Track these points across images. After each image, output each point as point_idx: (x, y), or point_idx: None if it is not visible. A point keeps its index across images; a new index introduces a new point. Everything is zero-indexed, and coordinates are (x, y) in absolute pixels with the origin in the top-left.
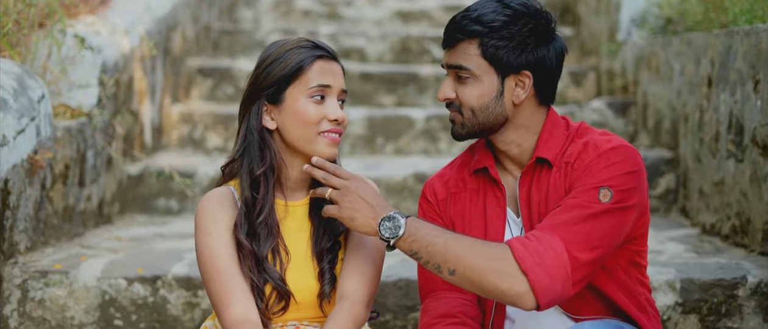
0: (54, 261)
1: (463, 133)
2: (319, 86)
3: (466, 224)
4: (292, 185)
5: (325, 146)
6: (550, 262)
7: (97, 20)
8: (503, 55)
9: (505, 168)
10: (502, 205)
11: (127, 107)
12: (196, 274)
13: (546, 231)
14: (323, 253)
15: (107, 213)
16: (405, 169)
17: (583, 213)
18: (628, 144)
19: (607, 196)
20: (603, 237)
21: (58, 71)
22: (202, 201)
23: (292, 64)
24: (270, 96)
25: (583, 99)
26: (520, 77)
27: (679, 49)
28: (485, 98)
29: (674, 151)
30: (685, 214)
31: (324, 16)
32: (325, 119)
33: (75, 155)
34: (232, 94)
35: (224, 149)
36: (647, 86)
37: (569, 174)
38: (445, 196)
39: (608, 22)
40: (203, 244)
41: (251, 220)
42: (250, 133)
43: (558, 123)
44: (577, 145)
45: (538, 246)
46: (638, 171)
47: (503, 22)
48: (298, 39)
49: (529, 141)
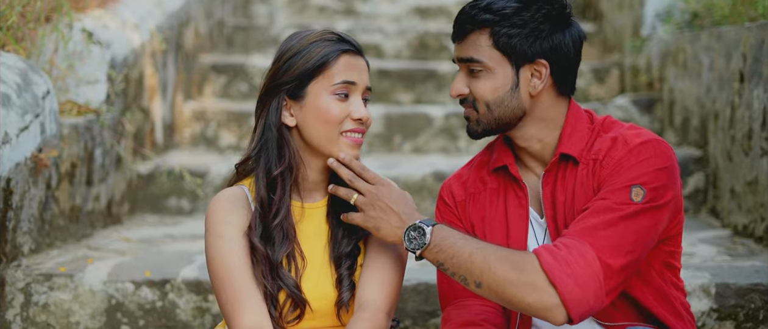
0: (59, 264)
1: (479, 130)
2: (344, 83)
3: (486, 226)
4: (309, 186)
5: (347, 147)
6: (580, 271)
7: (106, 14)
8: (516, 44)
9: (527, 166)
10: (524, 205)
11: (138, 104)
12: (206, 278)
13: (575, 237)
14: (342, 259)
15: (116, 214)
16: (424, 168)
17: (614, 216)
18: (659, 138)
19: (639, 195)
20: (636, 241)
21: (65, 67)
22: (212, 201)
23: (316, 58)
24: (291, 91)
25: (606, 96)
26: (535, 66)
27: (708, 44)
28: (500, 91)
29: (703, 150)
30: (715, 215)
31: (340, 12)
32: (348, 118)
33: (82, 153)
34: (246, 92)
35: (238, 147)
36: (674, 82)
37: (598, 172)
38: (464, 198)
39: (632, 17)
40: (213, 248)
41: (266, 223)
42: (269, 129)
43: (581, 116)
44: (605, 141)
45: (567, 255)
46: (671, 167)
47: (515, 8)
48: (323, 31)
49: (550, 135)
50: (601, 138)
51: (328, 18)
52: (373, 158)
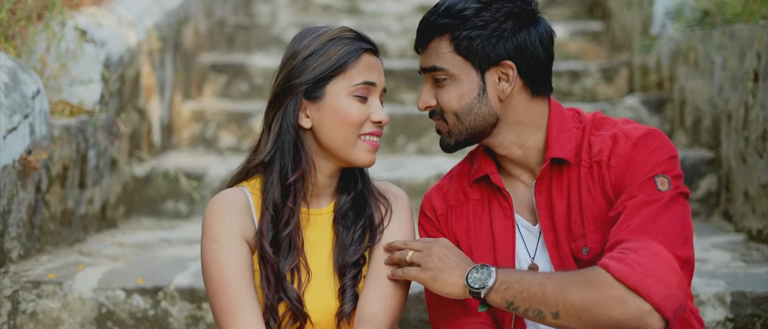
0: (48, 270)
1: (452, 143)
2: (365, 83)
3: (471, 238)
4: (317, 191)
5: (365, 152)
6: (657, 268)
7: (100, 12)
8: (478, 47)
9: (511, 174)
10: (509, 215)
11: (134, 104)
12: (200, 285)
13: (632, 238)
14: (346, 268)
15: (111, 217)
16: (428, 170)
17: (655, 208)
18: (654, 128)
19: (665, 184)
20: (686, 226)
21: (58, 66)
22: (211, 203)
23: (335, 57)
24: (307, 91)
25: (614, 96)
26: (502, 69)
27: (721, 42)
28: (467, 98)
29: (715, 151)
30: (728, 219)
31: (344, 11)
32: (368, 120)
33: (74, 155)
34: (246, 91)
35: (238, 149)
36: (685, 82)
37: (607, 175)
38: (445, 211)
39: (641, 15)
40: (209, 254)
41: (276, 230)
42: (286, 131)
43: (565, 115)
44: (604, 140)
45: (636, 256)
46: (677, 156)
47: (474, 9)
48: (340, 28)
49: (532, 139)
50: (597, 136)
51: (332, 16)
52: (377, 159)
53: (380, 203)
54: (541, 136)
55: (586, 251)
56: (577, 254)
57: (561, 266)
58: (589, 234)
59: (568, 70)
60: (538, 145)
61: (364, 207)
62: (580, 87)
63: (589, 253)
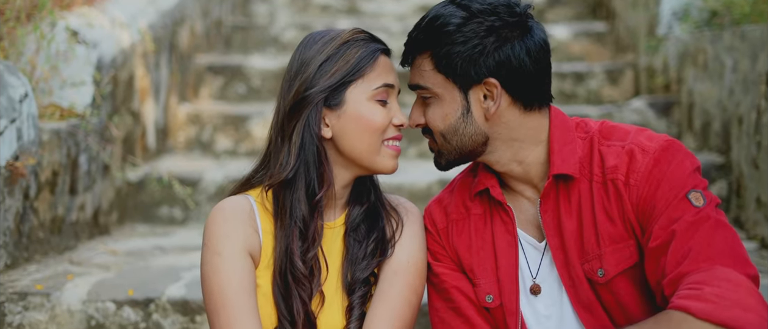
0: (36, 281)
1: (443, 163)
2: (385, 86)
3: (473, 255)
4: (332, 203)
5: (390, 158)
6: (737, 296)
7: (93, 12)
8: (458, 64)
9: (513, 189)
10: (511, 231)
11: (127, 107)
12: (193, 297)
13: (699, 268)
14: (356, 285)
15: (104, 224)
16: (430, 175)
17: (705, 229)
18: (671, 138)
19: (699, 199)
20: (738, 240)
21: (48, 68)
22: (213, 211)
23: (353, 61)
24: (326, 99)
25: (619, 98)
26: (485, 87)
27: (731, 44)
28: (451, 118)
29: (725, 156)
30: (739, 226)
31: (343, 11)
32: (390, 124)
33: (65, 160)
34: (243, 93)
35: (234, 152)
36: (693, 84)
37: (626, 194)
38: (445, 225)
39: (647, 15)
40: (210, 266)
41: (305, 249)
42: (310, 143)
43: (568, 126)
44: (618, 154)
45: (711, 289)
46: (700, 165)
47: (456, 25)
48: (352, 31)
49: (531, 154)
50: (609, 149)
51: (331, 16)
52: None
53: (391, 216)
54: (542, 151)
55: (602, 273)
56: (591, 275)
57: (573, 288)
58: (606, 255)
59: (572, 72)
60: (539, 159)
61: (377, 220)
62: (585, 88)
63: (605, 276)
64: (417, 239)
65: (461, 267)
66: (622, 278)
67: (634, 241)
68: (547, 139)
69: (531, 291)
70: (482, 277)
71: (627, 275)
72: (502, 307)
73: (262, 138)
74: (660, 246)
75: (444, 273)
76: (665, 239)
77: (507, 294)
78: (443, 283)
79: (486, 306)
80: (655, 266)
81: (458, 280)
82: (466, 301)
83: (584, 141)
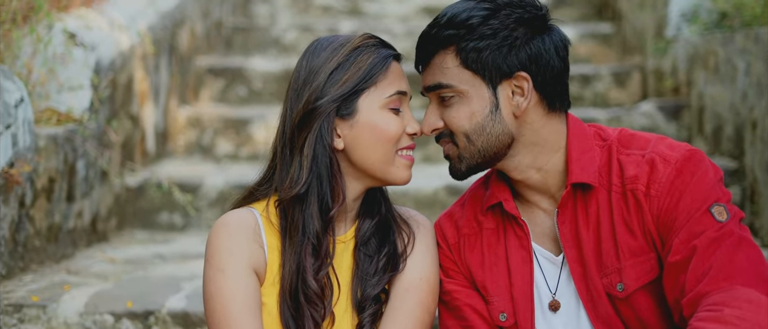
0: (32, 292)
1: (463, 169)
2: (398, 94)
3: (486, 272)
4: (343, 216)
5: (404, 169)
6: (759, 318)
7: (91, 14)
8: (488, 58)
9: (528, 200)
10: (526, 246)
11: (126, 111)
12: (194, 309)
13: (719, 289)
14: (366, 303)
15: (102, 230)
16: (436, 181)
17: (727, 246)
18: (693, 147)
19: (723, 214)
20: (762, 258)
21: (45, 71)
22: (216, 226)
23: (365, 68)
24: (338, 109)
25: (627, 101)
26: (516, 81)
27: (744, 46)
28: (478, 116)
29: (738, 161)
30: (753, 233)
31: (345, 12)
32: (404, 133)
33: (62, 167)
34: (244, 96)
35: (235, 156)
36: (703, 87)
37: (647, 205)
38: (457, 240)
39: (655, 16)
40: (214, 284)
41: (318, 267)
42: (323, 155)
43: (586, 133)
44: (638, 164)
45: (732, 311)
46: (723, 176)
47: (481, 17)
48: (362, 36)
49: (550, 161)
50: (629, 158)
51: (333, 18)
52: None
53: (402, 230)
54: (561, 158)
55: (621, 288)
56: (610, 290)
57: (591, 303)
58: (626, 269)
59: (578, 74)
60: (557, 167)
61: (388, 233)
62: (591, 91)
63: (625, 290)
64: (429, 254)
65: (474, 284)
66: (642, 292)
67: (655, 254)
68: (565, 147)
69: (550, 308)
70: (495, 294)
71: (647, 289)
72: (517, 326)
73: (263, 141)
74: (680, 262)
75: (456, 291)
76: (686, 255)
77: (521, 313)
78: (455, 300)
79: (499, 324)
80: (673, 282)
81: (471, 297)
82: (479, 320)
83: (602, 149)
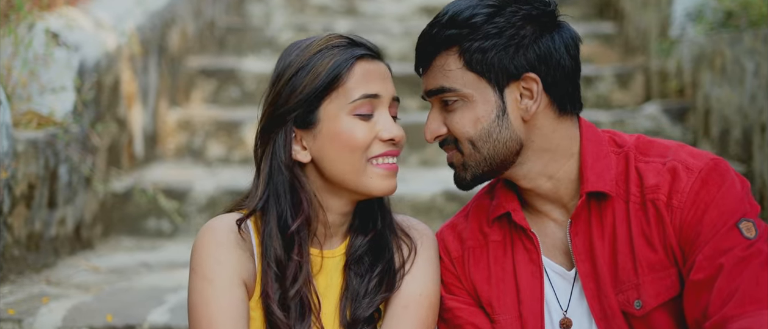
0: (8, 305)
1: (468, 178)
2: (365, 97)
3: (492, 288)
4: (330, 232)
5: (380, 178)
6: None
7: (75, 13)
8: (494, 59)
9: (538, 210)
10: (535, 260)
11: (113, 114)
12: (178, 323)
13: (745, 313)
14: (357, 325)
15: (87, 238)
16: (433, 185)
17: (755, 266)
18: (716, 157)
19: (751, 230)
20: None
21: (26, 73)
22: (203, 231)
23: (325, 72)
24: (299, 118)
25: (630, 103)
26: (524, 83)
27: (753, 46)
28: (484, 121)
29: (746, 165)
30: None
31: (341, 12)
32: (376, 140)
33: (42, 172)
34: (237, 98)
35: (227, 160)
36: (710, 89)
37: (668, 216)
38: (461, 253)
39: (658, 16)
40: (199, 295)
41: (283, 290)
42: (277, 171)
43: (600, 138)
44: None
45: None
46: (749, 187)
47: (485, 15)
48: (328, 36)
49: (562, 168)
50: (648, 166)
51: (329, 18)
52: None
53: (403, 242)
54: (574, 165)
55: (639, 305)
56: (626, 307)
57: (605, 321)
58: (644, 284)
59: None
60: (569, 175)
61: (383, 250)
62: (594, 93)
63: (643, 308)
64: (431, 268)
65: (478, 301)
66: (661, 311)
67: (675, 270)
68: (578, 153)
69: (561, 326)
70: (502, 313)
71: (667, 308)
72: None
73: None
74: (703, 280)
75: (458, 308)
76: (710, 273)
77: None
78: (457, 319)
79: None
80: (695, 301)
81: (474, 316)
82: None
83: (618, 156)
